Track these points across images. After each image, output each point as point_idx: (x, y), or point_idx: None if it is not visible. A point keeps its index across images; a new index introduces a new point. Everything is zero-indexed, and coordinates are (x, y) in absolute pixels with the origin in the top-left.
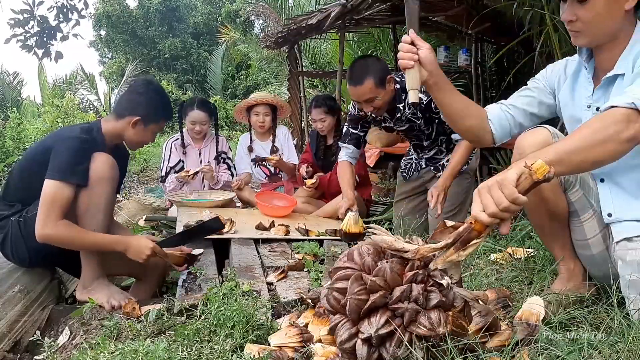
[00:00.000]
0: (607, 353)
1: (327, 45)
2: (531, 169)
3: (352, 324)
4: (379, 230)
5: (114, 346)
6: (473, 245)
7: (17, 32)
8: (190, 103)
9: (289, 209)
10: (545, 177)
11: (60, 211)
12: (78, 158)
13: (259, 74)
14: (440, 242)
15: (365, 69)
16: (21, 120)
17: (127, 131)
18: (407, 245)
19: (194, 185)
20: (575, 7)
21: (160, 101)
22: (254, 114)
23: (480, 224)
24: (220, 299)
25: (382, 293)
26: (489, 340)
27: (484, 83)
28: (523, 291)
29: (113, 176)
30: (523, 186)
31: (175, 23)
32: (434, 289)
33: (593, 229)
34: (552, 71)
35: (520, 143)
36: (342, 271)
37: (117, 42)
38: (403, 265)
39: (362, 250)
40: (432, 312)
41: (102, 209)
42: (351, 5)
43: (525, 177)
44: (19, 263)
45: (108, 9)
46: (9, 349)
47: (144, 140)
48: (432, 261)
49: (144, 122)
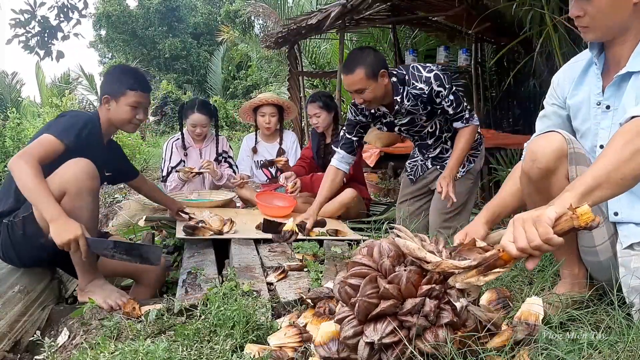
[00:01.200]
0: (607, 353)
1: (327, 45)
2: (575, 213)
3: (358, 322)
4: (404, 232)
5: (114, 346)
6: (495, 273)
7: (18, 33)
8: (191, 105)
9: (289, 209)
10: (589, 225)
11: (39, 154)
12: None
13: (258, 74)
14: (464, 261)
15: (359, 59)
16: (21, 120)
17: (107, 114)
18: (429, 256)
19: (195, 185)
20: (583, 2)
21: (120, 73)
22: (260, 115)
23: (507, 254)
24: (220, 299)
25: (394, 302)
26: (489, 341)
27: (484, 83)
28: (523, 291)
29: (92, 186)
30: (562, 227)
31: (175, 23)
32: (447, 308)
33: (602, 236)
34: (557, 81)
35: (534, 148)
36: (359, 267)
37: (117, 42)
38: (421, 275)
39: (384, 248)
40: (440, 330)
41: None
42: (351, 5)
43: (566, 219)
44: (11, 264)
45: (108, 9)
46: (9, 349)
47: (124, 117)
48: (452, 277)
49: (113, 98)
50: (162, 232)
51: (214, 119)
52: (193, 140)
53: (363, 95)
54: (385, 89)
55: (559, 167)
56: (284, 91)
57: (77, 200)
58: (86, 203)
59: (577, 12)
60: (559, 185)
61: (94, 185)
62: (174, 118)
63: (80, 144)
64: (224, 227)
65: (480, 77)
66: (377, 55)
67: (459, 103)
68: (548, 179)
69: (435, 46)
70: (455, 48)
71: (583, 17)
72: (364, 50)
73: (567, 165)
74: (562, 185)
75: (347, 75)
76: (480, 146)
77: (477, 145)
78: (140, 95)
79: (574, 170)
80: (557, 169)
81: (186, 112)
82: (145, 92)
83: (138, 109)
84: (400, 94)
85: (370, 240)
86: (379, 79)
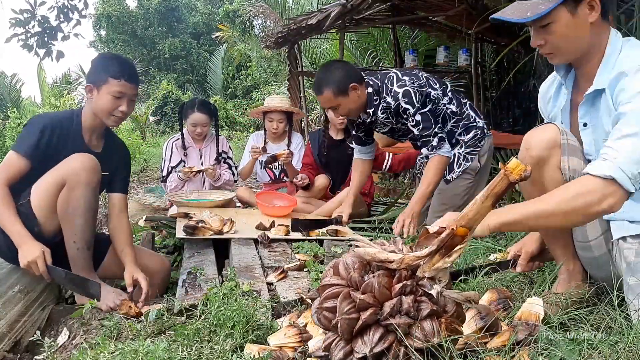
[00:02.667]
0: (607, 353)
1: (327, 45)
2: (506, 170)
3: (345, 343)
4: (361, 241)
5: (113, 346)
6: (458, 251)
7: (17, 32)
8: (191, 105)
9: (289, 208)
10: (523, 176)
11: (6, 176)
12: (29, 132)
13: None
14: (424, 250)
15: (325, 78)
16: (21, 120)
17: (91, 103)
18: (391, 256)
19: (195, 185)
20: (541, 32)
21: (104, 60)
22: (268, 120)
23: (462, 229)
24: (220, 299)
25: (373, 310)
26: (490, 341)
27: (483, 83)
28: (523, 291)
29: (91, 180)
30: (500, 188)
31: (174, 23)
32: (424, 299)
33: (595, 231)
34: (539, 103)
35: (528, 139)
36: (330, 289)
37: (117, 42)
38: (390, 276)
39: (348, 263)
40: (425, 323)
41: (81, 214)
42: (351, 5)
43: (501, 179)
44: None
45: (108, 10)
46: (9, 349)
47: (103, 108)
48: (420, 268)
49: (95, 87)
50: (162, 232)
51: (214, 119)
52: (193, 140)
53: (338, 111)
54: (359, 100)
55: (551, 157)
56: (283, 91)
57: (74, 191)
58: (83, 195)
59: (539, 42)
60: (551, 175)
61: (92, 179)
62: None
63: (46, 151)
64: (224, 227)
65: (480, 77)
66: (345, 68)
67: (426, 127)
68: (540, 168)
69: (435, 46)
70: (455, 48)
71: (545, 45)
72: (330, 68)
73: (560, 155)
74: (554, 175)
75: (317, 95)
76: (481, 142)
77: (475, 142)
78: (124, 85)
79: (566, 161)
80: (550, 159)
81: (186, 111)
82: (131, 82)
83: (121, 100)
84: (373, 106)
85: (333, 260)
86: (349, 93)
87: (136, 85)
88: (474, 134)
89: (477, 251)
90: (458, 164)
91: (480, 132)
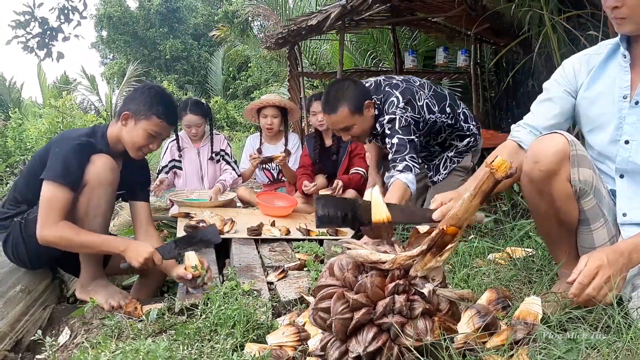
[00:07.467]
0: (606, 352)
1: (327, 46)
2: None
3: (341, 343)
4: (352, 243)
5: (115, 345)
6: (449, 250)
7: (18, 34)
8: (184, 106)
9: (290, 209)
10: (509, 173)
11: (58, 213)
12: (73, 161)
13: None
14: (415, 249)
15: (341, 95)
16: (22, 121)
17: (120, 131)
18: (383, 256)
19: (195, 185)
20: None
21: (153, 97)
22: (262, 117)
23: (452, 227)
24: (221, 299)
25: (366, 310)
26: (488, 340)
27: (482, 83)
28: (522, 290)
29: (112, 180)
30: (487, 186)
31: (175, 24)
32: (417, 298)
33: (602, 238)
34: (573, 69)
35: (537, 149)
36: (325, 289)
37: (118, 43)
38: (383, 276)
39: (342, 264)
40: (418, 321)
41: (102, 213)
42: (351, 6)
43: (487, 177)
44: (20, 264)
45: (109, 11)
46: (11, 348)
47: (136, 141)
48: (412, 268)
49: (134, 117)
50: (162, 232)
51: (209, 118)
52: (191, 140)
53: (350, 132)
54: (372, 120)
55: (561, 169)
56: (283, 92)
57: (96, 191)
58: (105, 194)
59: (615, 2)
60: (561, 187)
61: (113, 179)
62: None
63: (80, 174)
64: (224, 227)
65: (479, 77)
66: (358, 86)
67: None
68: (550, 180)
69: (435, 47)
70: (454, 49)
71: (621, 7)
72: (344, 83)
73: (570, 167)
74: (564, 187)
75: (330, 115)
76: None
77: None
78: (164, 126)
79: (576, 172)
80: (559, 171)
81: (180, 113)
82: (171, 124)
83: (155, 138)
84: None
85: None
86: (364, 112)
87: (174, 127)
88: (467, 142)
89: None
90: (445, 166)
91: (473, 140)
